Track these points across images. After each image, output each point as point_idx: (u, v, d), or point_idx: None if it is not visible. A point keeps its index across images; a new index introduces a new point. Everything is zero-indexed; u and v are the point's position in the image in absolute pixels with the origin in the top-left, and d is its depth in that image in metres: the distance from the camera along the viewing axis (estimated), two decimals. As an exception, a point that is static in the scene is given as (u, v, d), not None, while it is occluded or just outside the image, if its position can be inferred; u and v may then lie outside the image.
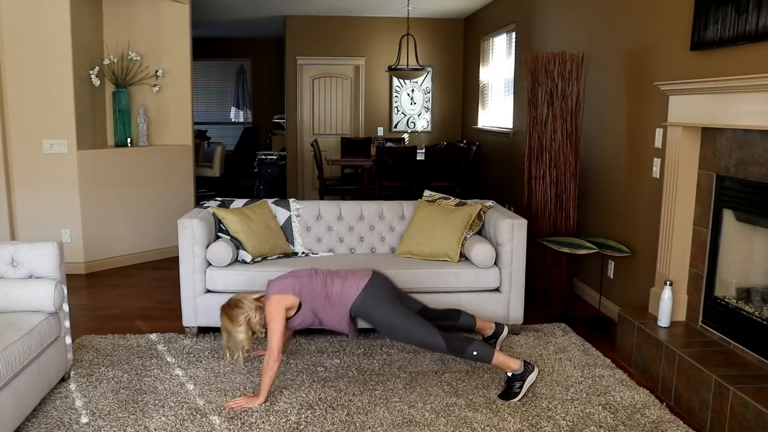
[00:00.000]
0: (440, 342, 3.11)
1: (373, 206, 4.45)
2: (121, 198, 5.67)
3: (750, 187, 3.05)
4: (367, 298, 3.16)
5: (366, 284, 3.19)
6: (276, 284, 3.19)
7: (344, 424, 2.91)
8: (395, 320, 3.16)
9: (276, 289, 3.15)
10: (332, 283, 3.20)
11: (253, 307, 3.12)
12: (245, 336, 3.10)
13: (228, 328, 3.12)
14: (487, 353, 3.13)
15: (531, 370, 3.15)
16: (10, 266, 3.11)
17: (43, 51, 5.13)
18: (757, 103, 2.81)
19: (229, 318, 3.11)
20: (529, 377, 3.14)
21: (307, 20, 9.03)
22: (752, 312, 3.08)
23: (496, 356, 3.14)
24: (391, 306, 3.18)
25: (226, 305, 3.16)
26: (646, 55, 4.02)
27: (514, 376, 3.14)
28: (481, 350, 3.13)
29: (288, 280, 3.19)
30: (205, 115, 12.06)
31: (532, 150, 4.72)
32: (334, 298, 3.17)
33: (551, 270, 4.70)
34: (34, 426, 2.86)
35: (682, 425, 2.93)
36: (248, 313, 3.10)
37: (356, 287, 3.18)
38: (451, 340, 3.13)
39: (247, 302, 3.13)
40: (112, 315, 4.46)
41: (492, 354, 3.13)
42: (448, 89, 9.36)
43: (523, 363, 3.16)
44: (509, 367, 3.14)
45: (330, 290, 3.18)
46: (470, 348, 3.12)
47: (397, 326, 3.16)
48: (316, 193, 8.73)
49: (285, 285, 3.16)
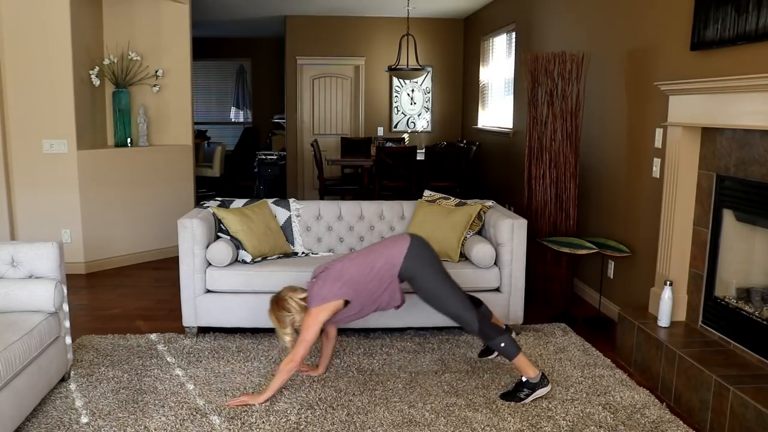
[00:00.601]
0: (474, 322, 3.10)
1: (373, 206, 4.45)
2: (121, 198, 5.67)
3: (750, 187, 3.05)
4: (412, 259, 3.12)
5: (409, 245, 3.15)
6: (316, 293, 3.10)
7: (344, 424, 2.91)
8: (439, 284, 3.14)
9: (317, 300, 3.08)
10: (375, 258, 3.15)
11: (299, 309, 3.11)
12: (290, 338, 3.12)
13: (275, 325, 3.15)
14: (514, 350, 3.10)
15: (545, 384, 3.14)
16: (10, 266, 3.11)
17: (43, 51, 5.13)
18: (757, 103, 2.81)
19: (276, 318, 3.13)
20: (540, 390, 3.12)
21: (307, 20, 9.03)
22: (752, 312, 3.08)
23: (520, 357, 3.11)
24: (436, 269, 3.17)
25: (275, 304, 3.14)
26: (646, 55, 4.02)
27: (527, 382, 3.13)
28: (509, 345, 3.10)
29: (328, 288, 3.10)
30: (205, 115, 12.05)
31: (532, 150, 4.72)
32: (381, 273, 3.12)
33: (551, 270, 4.70)
34: (34, 426, 2.86)
35: (682, 425, 2.93)
36: (294, 316, 3.10)
37: (399, 251, 3.14)
38: (484, 324, 3.12)
39: (294, 304, 3.10)
40: (112, 315, 4.46)
41: (517, 353, 3.10)
42: (448, 89, 9.36)
43: (541, 374, 3.14)
44: (527, 373, 3.13)
45: (374, 267, 3.12)
46: (500, 338, 3.10)
47: (439, 293, 3.14)
48: (316, 193, 8.73)
49: (325, 294, 3.09)
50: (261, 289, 3.85)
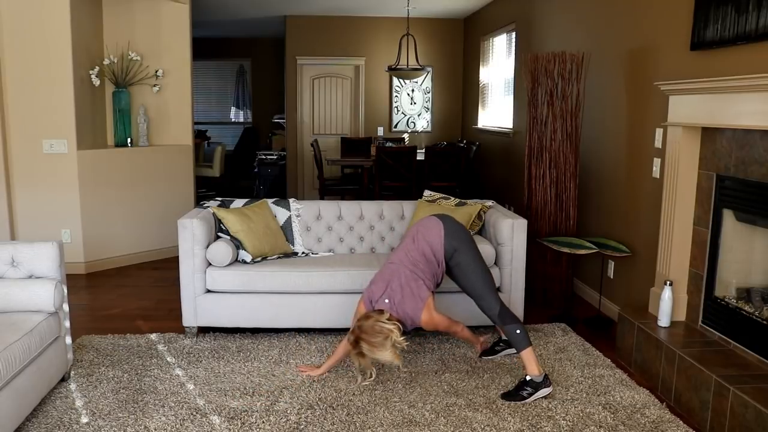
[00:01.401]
0: (497, 304, 3.22)
1: (373, 206, 4.45)
2: (121, 198, 5.67)
3: (750, 187, 3.05)
4: (451, 235, 3.28)
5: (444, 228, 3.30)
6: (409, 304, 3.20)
7: (344, 424, 2.91)
8: (475, 262, 3.27)
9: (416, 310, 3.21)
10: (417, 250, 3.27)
11: (393, 329, 3.09)
12: (393, 355, 3.12)
13: (376, 356, 3.12)
14: (526, 341, 3.16)
15: (547, 384, 3.14)
16: (10, 266, 3.11)
17: (43, 51, 5.13)
18: (757, 103, 2.81)
19: (373, 346, 3.09)
20: (542, 390, 3.13)
21: (307, 20, 9.03)
22: (752, 312, 3.08)
23: (530, 351, 3.15)
24: (473, 248, 3.31)
25: (363, 334, 3.10)
26: (646, 55, 4.02)
27: (530, 381, 3.13)
28: (523, 334, 3.17)
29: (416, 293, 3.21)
30: (205, 115, 12.05)
31: (532, 150, 4.72)
32: (429, 258, 3.26)
33: (551, 270, 4.70)
34: (34, 426, 2.86)
35: (682, 425, 2.93)
36: (390, 336, 3.08)
37: (437, 235, 3.28)
38: (505, 308, 3.23)
39: (386, 325, 3.09)
40: (112, 315, 4.46)
41: (528, 345, 3.15)
42: (448, 89, 9.36)
43: (544, 375, 3.15)
44: (532, 370, 3.13)
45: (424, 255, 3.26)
46: (516, 326, 3.18)
47: (473, 269, 3.26)
48: (316, 193, 8.73)
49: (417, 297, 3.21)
50: (261, 289, 3.86)
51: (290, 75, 9.23)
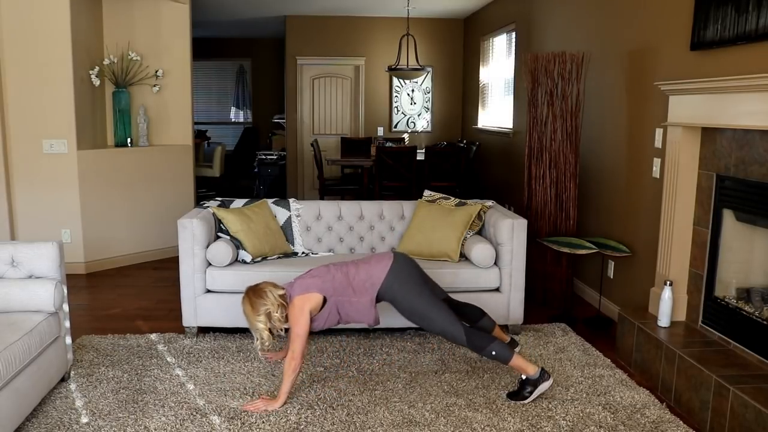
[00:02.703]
0: (462, 335, 3.08)
1: (373, 206, 4.45)
2: (121, 198, 5.67)
3: (750, 187, 3.05)
4: (393, 279, 3.11)
5: (391, 264, 3.14)
6: (298, 284, 3.11)
7: (344, 424, 2.91)
8: (420, 305, 3.11)
9: (299, 289, 3.08)
10: (356, 271, 3.14)
11: (276, 303, 3.05)
12: (263, 326, 3.03)
13: (248, 314, 3.07)
14: (507, 354, 3.10)
15: (546, 378, 3.13)
16: (10, 266, 3.11)
17: (43, 51, 5.13)
18: (757, 103, 2.81)
19: (251, 304, 3.05)
20: (542, 385, 3.12)
21: (307, 20, 9.03)
22: (752, 312, 3.08)
23: (515, 359, 3.11)
24: (418, 289, 3.13)
25: (251, 291, 3.09)
26: (646, 55, 4.02)
27: (528, 380, 3.13)
28: (501, 350, 3.09)
29: (309, 280, 3.12)
30: (205, 115, 12.05)
31: (532, 150, 4.72)
32: (359, 285, 3.11)
33: (551, 270, 4.69)
34: (34, 426, 2.86)
35: (682, 425, 2.93)
36: (269, 307, 3.03)
37: (382, 269, 3.13)
38: (473, 335, 3.10)
39: (271, 295, 3.05)
40: (112, 315, 4.46)
41: (511, 356, 3.10)
42: (448, 89, 9.35)
43: (540, 370, 3.14)
44: (525, 372, 3.13)
45: (354, 279, 3.12)
46: (490, 347, 3.08)
47: (421, 311, 3.12)
48: (316, 193, 8.73)
49: (308, 284, 3.09)
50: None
51: (290, 75, 9.23)
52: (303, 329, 3.02)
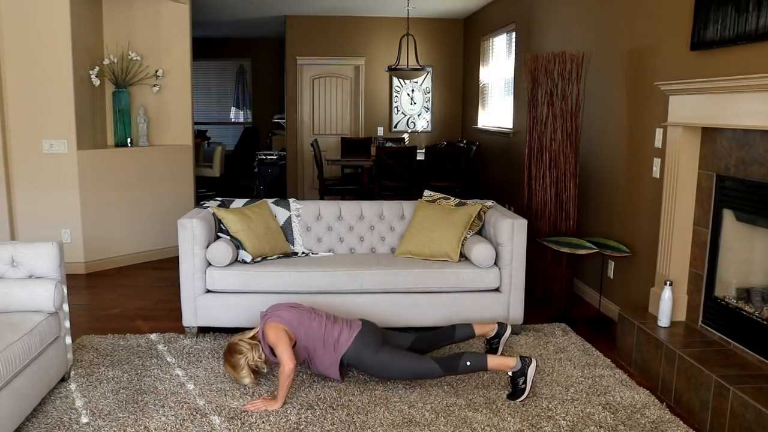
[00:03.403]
0: (433, 367, 3.16)
1: (373, 206, 4.45)
2: (121, 198, 5.67)
3: (750, 187, 3.05)
4: (357, 346, 3.20)
5: (357, 333, 3.24)
6: (276, 313, 3.22)
7: (344, 424, 2.91)
8: (384, 359, 3.19)
9: (276, 318, 3.19)
10: (332, 329, 3.24)
11: (250, 347, 3.19)
12: (250, 379, 3.22)
13: (232, 374, 3.24)
14: (480, 361, 3.15)
15: (529, 363, 3.15)
16: (10, 266, 3.11)
17: (43, 51, 5.13)
18: (757, 103, 2.81)
19: (231, 366, 3.23)
20: (529, 370, 3.14)
21: (307, 20, 9.03)
22: (752, 312, 3.08)
23: (491, 360, 3.15)
24: (379, 348, 3.22)
25: (227, 352, 3.24)
26: (646, 55, 4.02)
27: (514, 374, 3.14)
28: (474, 360, 3.15)
29: (288, 314, 3.21)
30: (205, 115, 12.05)
31: (532, 150, 4.72)
32: (329, 344, 3.21)
33: (551, 270, 4.69)
34: (34, 426, 2.86)
35: (682, 425, 2.93)
36: (246, 356, 3.18)
37: (348, 337, 3.22)
38: (443, 361, 3.18)
39: (244, 345, 3.20)
40: (112, 315, 4.46)
41: (485, 360, 3.15)
42: (448, 89, 9.36)
43: (519, 358, 3.16)
44: (507, 367, 3.15)
45: (328, 336, 3.22)
46: (462, 360, 3.14)
47: (387, 364, 3.19)
48: (316, 193, 8.73)
49: (285, 318, 3.20)
50: (261, 289, 3.85)
51: (290, 75, 9.23)
52: (284, 345, 3.10)
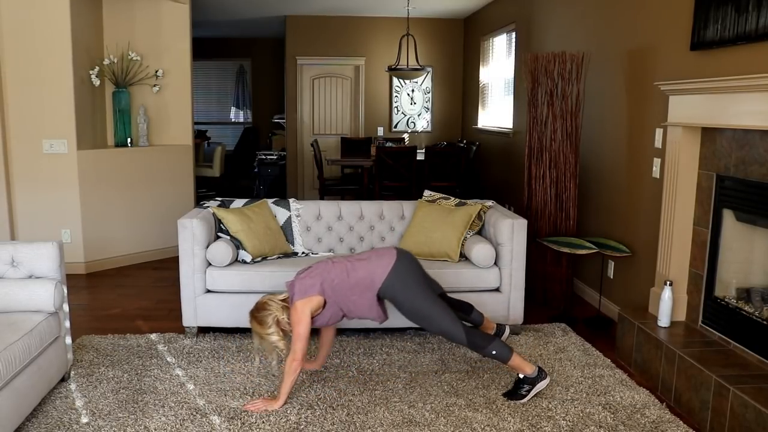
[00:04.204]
0: (462, 334, 3.07)
1: (373, 206, 4.45)
2: (121, 198, 5.67)
3: (750, 187, 3.05)
4: (395, 279, 3.06)
5: (393, 264, 3.09)
6: (297, 287, 3.08)
7: (344, 424, 2.91)
8: (422, 306, 3.08)
9: (299, 294, 3.05)
10: (355, 269, 3.10)
11: (280, 308, 3.04)
12: (278, 336, 3.03)
13: (258, 332, 3.06)
14: (506, 353, 3.10)
15: (543, 377, 3.14)
16: (10, 266, 3.11)
17: (43, 51, 5.13)
18: (757, 103, 2.81)
19: (257, 321, 3.04)
20: (540, 384, 3.13)
21: (307, 20, 9.03)
22: (752, 312, 3.08)
23: (514, 358, 3.11)
24: (419, 290, 3.10)
25: (254, 309, 3.09)
26: (646, 55, 4.02)
27: (525, 378, 3.13)
28: (501, 350, 3.10)
29: (309, 281, 3.07)
30: (205, 115, 12.05)
31: (532, 150, 4.72)
32: (360, 284, 3.07)
33: (551, 270, 4.69)
34: (34, 426, 2.86)
35: (682, 425, 2.93)
36: (275, 314, 3.03)
37: (383, 268, 3.07)
38: (473, 335, 3.10)
39: (273, 303, 3.06)
40: (112, 315, 4.46)
41: (510, 355, 3.10)
42: (448, 89, 9.35)
43: (537, 369, 3.14)
44: (523, 371, 3.13)
45: (354, 277, 3.08)
46: (490, 346, 3.08)
47: (423, 312, 3.09)
48: (316, 193, 8.73)
49: (307, 287, 3.06)
50: (261, 289, 3.85)
51: (290, 75, 9.23)
52: (304, 330, 3.02)
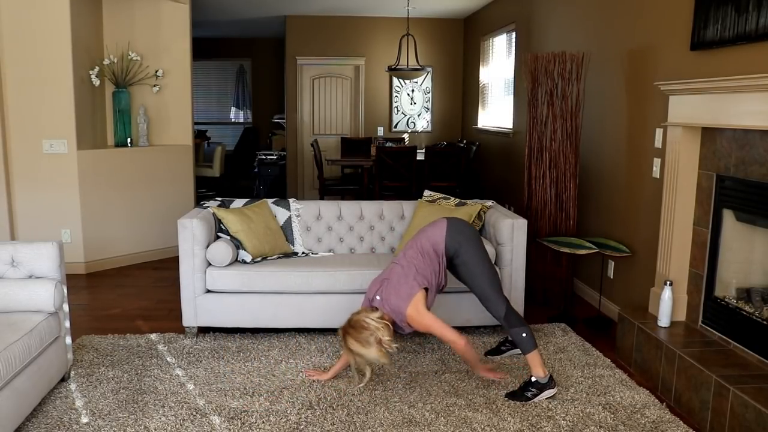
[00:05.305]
0: (503, 306, 3.18)
1: (373, 206, 4.45)
2: (121, 198, 5.67)
3: (750, 187, 3.05)
4: (454, 231, 3.23)
5: (447, 223, 3.28)
6: (395, 297, 3.12)
7: (344, 424, 2.91)
8: (479, 263, 3.22)
9: (403, 301, 3.11)
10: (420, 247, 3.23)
11: (380, 326, 3.06)
12: (379, 354, 3.07)
13: (359, 351, 3.08)
14: (531, 344, 3.13)
15: (552, 385, 3.14)
16: (10, 266, 3.11)
17: (43, 51, 5.13)
18: (757, 103, 2.81)
19: (358, 341, 3.06)
20: (547, 391, 3.13)
21: (307, 20, 9.03)
22: (752, 312, 3.08)
23: (535, 353, 3.13)
24: (479, 248, 3.26)
25: (350, 328, 3.09)
26: (646, 55, 4.02)
27: (536, 382, 3.13)
28: (529, 337, 3.13)
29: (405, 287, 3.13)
30: (205, 115, 12.05)
31: (532, 150, 4.72)
32: (430, 252, 3.21)
33: (551, 270, 4.69)
34: (34, 426, 2.86)
35: (682, 425, 2.93)
36: (375, 333, 3.04)
37: (440, 229, 3.25)
38: (510, 312, 3.18)
39: (372, 322, 3.06)
40: (112, 315, 4.46)
41: (534, 348, 3.13)
42: (448, 89, 9.35)
43: (550, 376, 3.15)
44: (537, 372, 3.13)
45: (426, 251, 3.21)
46: (522, 329, 3.14)
47: (478, 270, 3.22)
48: (316, 193, 8.73)
49: (405, 293, 3.12)
50: (261, 289, 3.86)
51: (290, 75, 9.23)
52: (432, 320, 3.14)
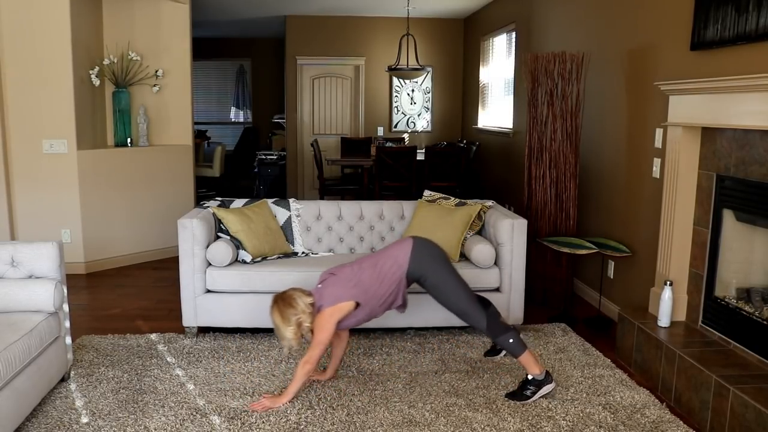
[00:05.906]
0: (483, 318, 3.10)
1: (373, 206, 4.45)
2: (121, 198, 5.67)
3: (750, 187, 3.05)
4: (420, 254, 3.12)
5: (413, 244, 3.15)
6: (328, 294, 3.07)
7: (344, 424, 2.91)
8: (448, 283, 3.13)
9: (331, 300, 3.05)
10: (380, 262, 3.13)
11: (307, 312, 3.03)
12: (293, 335, 3.02)
13: (278, 323, 3.04)
14: (520, 347, 3.11)
15: (549, 381, 3.14)
16: (10, 266, 3.11)
17: (43, 51, 5.13)
18: (757, 103, 2.81)
19: (280, 314, 3.02)
20: (545, 387, 3.13)
21: (307, 20, 9.03)
22: (752, 312, 3.08)
23: (526, 354, 3.12)
24: (445, 268, 3.16)
25: (280, 299, 3.06)
26: (646, 55, 4.02)
27: (532, 380, 3.13)
28: (516, 342, 3.11)
29: (340, 289, 3.07)
30: (205, 115, 12.05)
31: (532, 150, 4.72)
32: (388, 273, 3.10)
33: (551, 270, 4.69)
34: (34, 426, 2.86)
35: (682, 425, 2.93)
36: (300, 316, 3.02)
37: (405, 250, 3.13)
38: (492, 321, 3.12)
39: (301, 304, 3.03)
40: (112, 315, 4.46)
41: (524, 350, 3.11)
42: (448, 89, 9.35)
43: (545, 372, 3.15)
44: (532, 370, 3.13)
45: (382, 268, 3.11)
46: (507, 335, 3.10)
47: (448, 289, 3.13)
48: (316, 193, 8.73)
49: (339, 294, 3.06)
50: (261, 289, 3.85)
51: (290, 75, 9.23)
52: (326, 338, 3.04)
